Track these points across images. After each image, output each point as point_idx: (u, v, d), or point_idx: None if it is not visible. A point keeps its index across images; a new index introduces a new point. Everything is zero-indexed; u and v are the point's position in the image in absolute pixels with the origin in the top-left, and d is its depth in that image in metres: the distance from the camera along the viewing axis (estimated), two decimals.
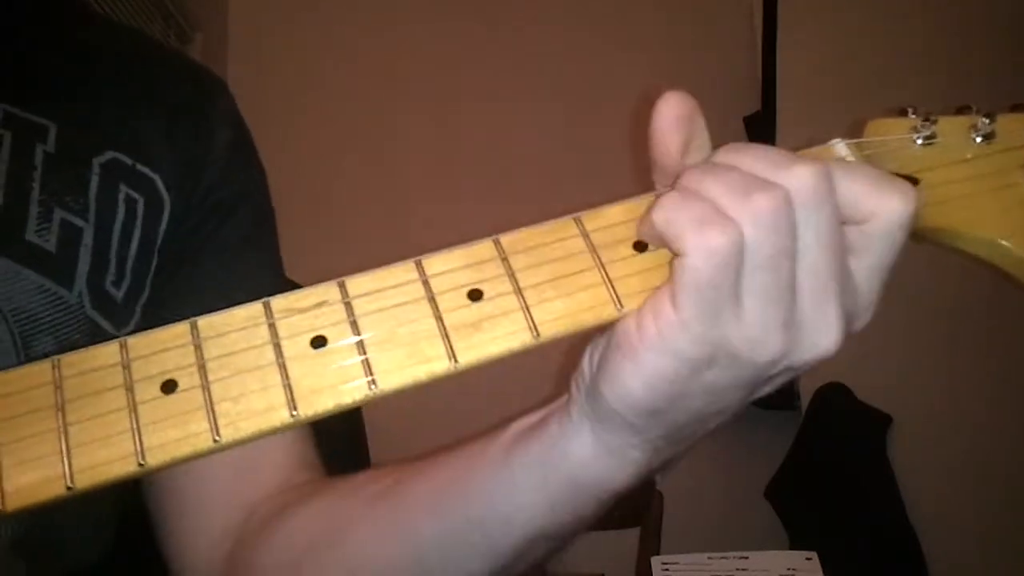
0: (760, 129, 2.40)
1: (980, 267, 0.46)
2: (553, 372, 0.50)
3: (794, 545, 2.18)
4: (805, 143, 0.47)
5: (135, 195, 0.62)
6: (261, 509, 0.60)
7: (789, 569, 1.18)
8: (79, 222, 0.59)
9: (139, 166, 0.63)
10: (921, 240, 0.46)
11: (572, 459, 0.44)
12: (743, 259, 0.37)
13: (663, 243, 0.40)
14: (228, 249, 0.66)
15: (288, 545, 0.57)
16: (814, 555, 1.19)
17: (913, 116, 0.48)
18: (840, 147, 0.46)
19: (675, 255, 0.38)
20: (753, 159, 0.40)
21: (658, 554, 1.52)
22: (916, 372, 2.18)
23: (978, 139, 0.47)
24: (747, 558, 1.20)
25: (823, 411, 2.24)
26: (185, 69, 0.73)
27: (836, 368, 2.21)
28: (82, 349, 0.39)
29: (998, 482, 2.12)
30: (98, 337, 0.59)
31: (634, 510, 1.75)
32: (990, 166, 0.46)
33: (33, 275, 0.57)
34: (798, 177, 0.38)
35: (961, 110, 0.48)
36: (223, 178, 0.68)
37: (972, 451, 2.14)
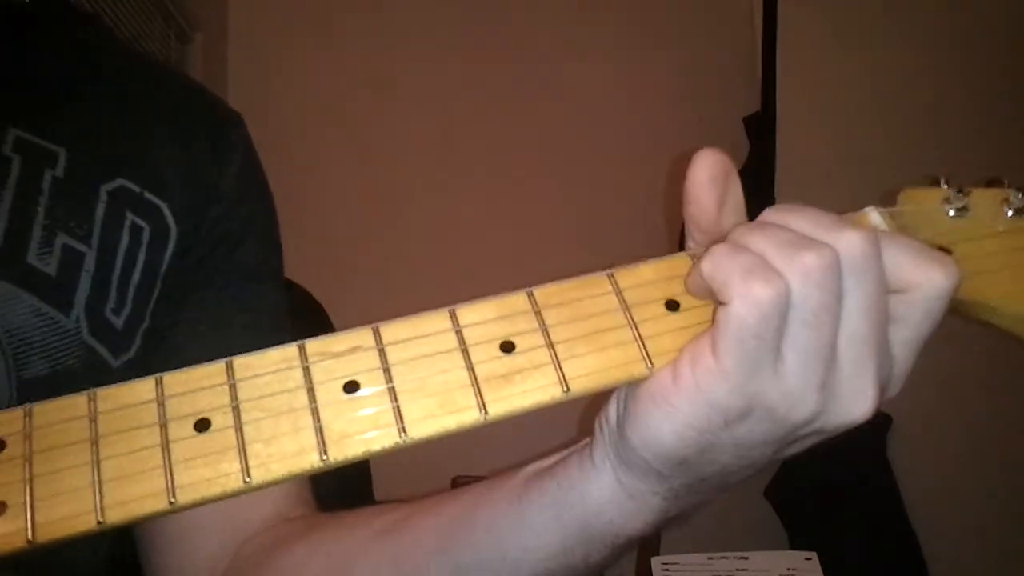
0: (760, 129, 2.40)
1: (1013, 343, 0.46)
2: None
3: (794, 545, 2.18)
4: (804, 143, 0.47)
5: (141, 223, 0.62)
6: (254, 541, 0.60)
7: (789, 569, 1.18)
8: (81, 247, 0.59)
9: (147, 194, 0.63)
10: (954, 314, 0.45)
11: (589, 502, 0.43)
12: (788, 313, 0.38)
13: (709, 295, 0.40)
14: (231, 281, 0.66)
15: None
16: (814, 555, 1.19)
17: (945, 187, 0.48)
18: (874, 215, 0.46)
19: (720, 304, 0.39)
20: (804, 219, 0.40)
21: (658, 554, 1.51)
22: (916, 372, 2.18)
23: (1010, 212, 0.47)
24: (747, 558, 1.20)
25: None
26: (200, 100, 0.73)
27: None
28: (119, 384, 0.39)
29: (998, 482, 2.12)
30: (94, 364, 0.59)
31: None
32: (1022, 240, 0.46)
33: (30, 298, 0.56)
34: (848, 240, 0.39)
35: (991, 183, 0.48)
36: (232, 209, 0.68)
37: (972, 451, 2.14)
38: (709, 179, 0.42)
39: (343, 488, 0.73)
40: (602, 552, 0.45)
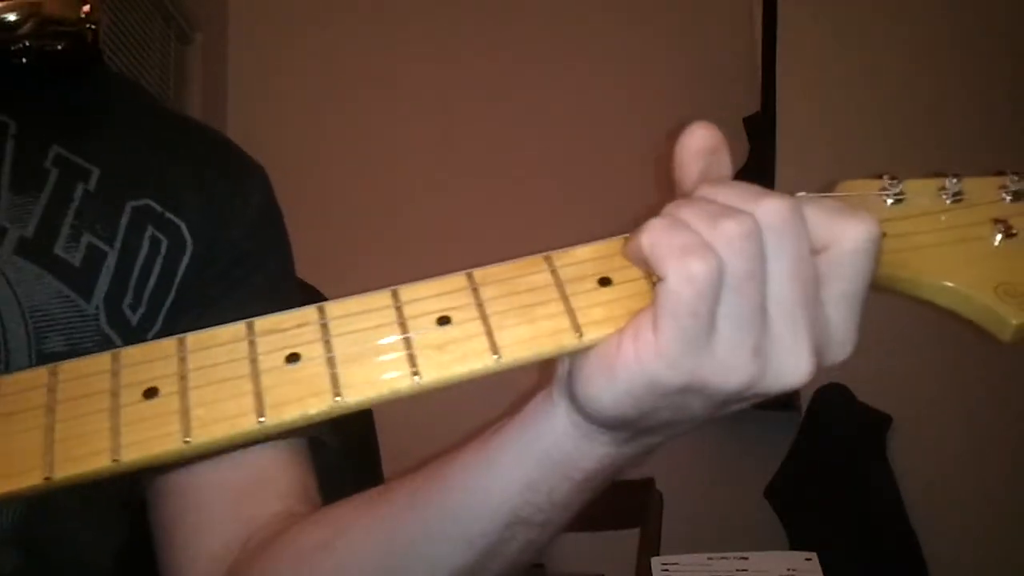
0: (760, 129, 2.40)
1: (948, 318, 0.47)
2: None
3: (794, 545, 2.18)
4: (804, 143, 0.47)
5: (160, 236, 0.67)
6: (259, 535, 0.62)
7: (789, 570, 1.18)
8: (104, 247, 0.65)
9: (168, 214, 0.68)
10: (885, 290, 0.47)
11: (548, 434, 0.46)
12: (720, 286, 0.39)
13: (647, 266, 0.42)
14: (251, 298, 0.69)
15: (286, 554, 0.59)
16: (814, 556, 1.19)
17: (885, 178, 0.49)
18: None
19: (657, 280, 0.40)
20: (728, 191, 0.42)
21: (658, 554, 1.52)
22: (916, 372, 2.19)
23: (947, 199, 0.48)
24: (747, 559, 1.20)
25: (823, 411, 2.25)
26: (227, 148, 0.78)
27: (836, 368, 2.21)
28: (79, 358, 0.42)
29: (998, 482, 2.12)
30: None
31: (634, 510, 1.75)
32: (957, 220, 0.48)
33: (55, 281, 0.62)
34: (767, 206, 0.40)
35: (934, 175, 0.49)
36: (252, 234, 0.72)
37: (972, 451, 2.14)
38: (697, 150, 0.45)
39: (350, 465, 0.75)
40: (564, 487, 0.47)
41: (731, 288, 0.39)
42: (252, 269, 0.71)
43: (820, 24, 2.41)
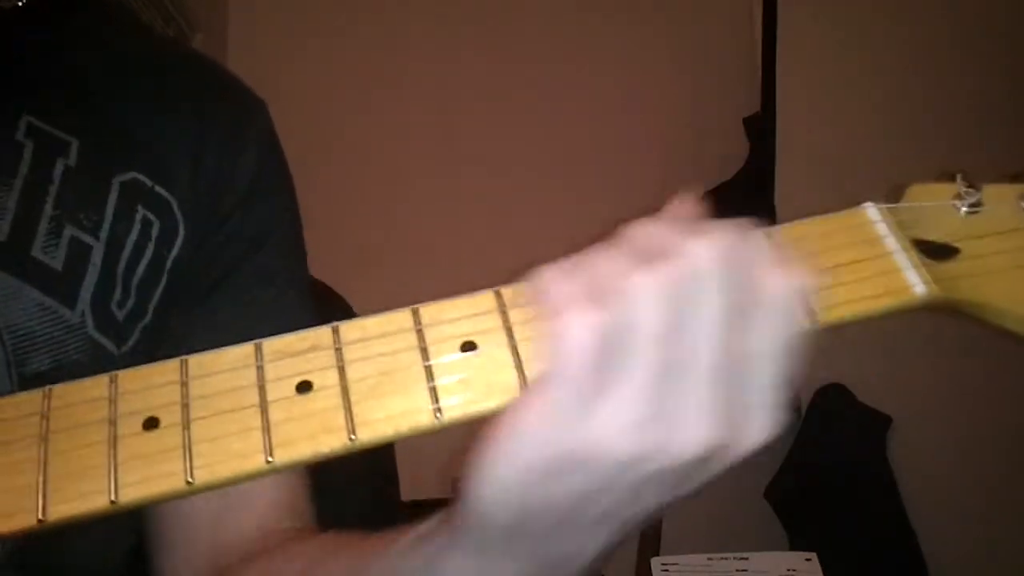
0: (760, 129, 2.40)
1: (1014, 343, 0.43)
2: None
3: (794, 546, 2.17)
4: (804, 144, 0.45)
5: (152, 217, 0.61)
6: (233, 553, 0.60)
7: (789, 570, 1.18)
8: (89, 240, 0.58)
9: (157, 187, 0.62)
10: (963, 316, 0.43)
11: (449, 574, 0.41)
12: (617, 342, 0.34)
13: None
14: (249, 286, 0.65)
15: None
16: (814, 556, 1.19)
17: (960, 182, 0.44)
18: (872, 211, 0.43)
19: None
20: (657, 232, 0.37)
21: (658, 555, 1.51)
22: (916, 372, 2.18)
23: None
24: (747, 559, 1.20)
25: (823, 411, 2.24)
26: (223, 86, 0.70)
27: (836, 369, 2.21)
28: (75, 381, 0.39)
29: (998, 482, 2.12)
30: (100, 357, 0.58)
31: None
32: None
33: (34, 292, 0.55)
34: (694, 250, 0.35)
35: (1015, 178, 0.44)
36: (246, 207, 0.66)
37: (972, 451, 2.14)
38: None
39: (371, 493, 0.72)
40: None
41: (633, 346, 0.34)
42: (248, 248, 0.66)
43: (820, 24, 2.40)
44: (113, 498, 0.36)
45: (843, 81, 2.38)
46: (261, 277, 0.66)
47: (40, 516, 0.36)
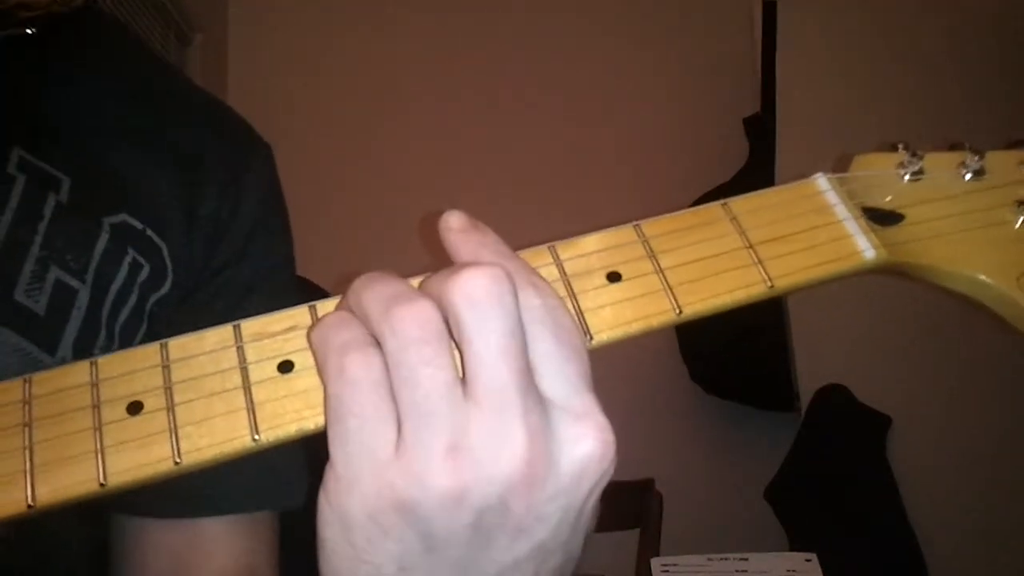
0: (760, 129, 2.40)
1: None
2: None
3: (794, 546, 2.18)
4: (804, 144, 0.46)
5: (141, 260, 0.60)
6: None
7: (789, 571, 1.18)
8: (75, 283, 0.57)
9: (148, 231, 0.61)
10: (907, 277, 0.45)
11: None
12: (386, 381, 0.34)
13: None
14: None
15: None
16: (814, 556, 1.19)
17: (902, 151, 0.47)
18: (822, 181, 0.46)
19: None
20: (432, 282, 0.36)
21: (658, 555, 1.52)
22: (916, 373, 2.18)
23: (967, 176, 0.46)
24: (747, 559, 1.20)
25: (823, 412, 2.24)
26: (225, 130, 0.69)
27: (836, 369, 2.21)
28: (55, 368, 0.39)
29: (998, 483, 2.12)
30: None
31: (634, 511, 1.75)
32: (978, 203, 0.45)
33: (12, 336, 0.54)
34: (460, 279, 0.34)
35: (953, 147, 0.47)
36: (241, 254, 0.65)
37: (972, 451, 2.14)
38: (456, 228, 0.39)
39: None
40: None
41: (405, 381, 0.33)
42: (240, 296, 0.64)
43: (820, 24, 2.41)
44: (103, 481, 0.36)
45: (843, 81, 2.38)
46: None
47: (30, 502, 0.36)
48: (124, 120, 0.63)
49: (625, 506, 1.71)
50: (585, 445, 0.34)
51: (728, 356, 2.37)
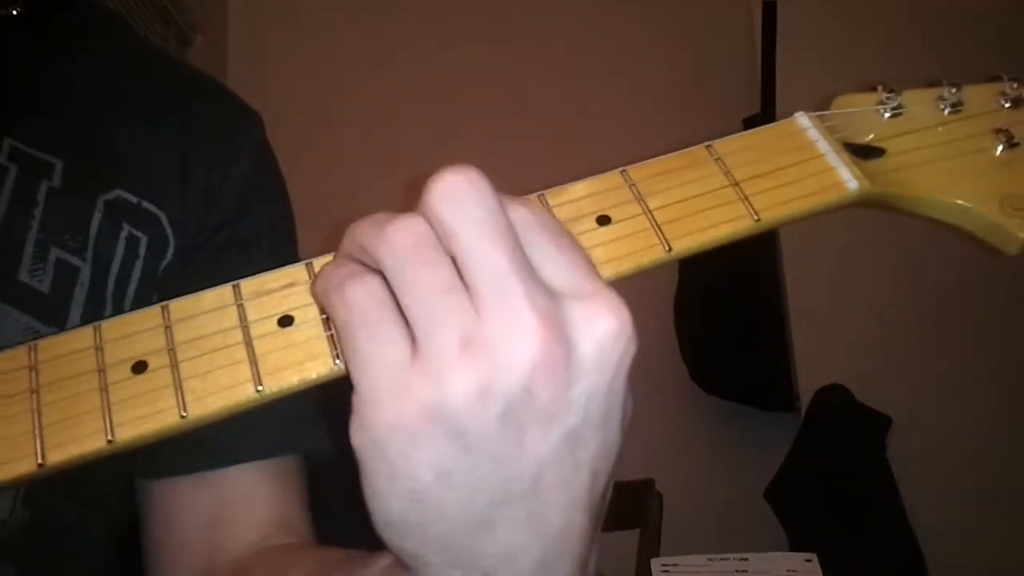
0: None
1: (952, 233, 0.45)
2: None
3: (794, 547, 2.18)
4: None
5: (138, 233, 0.61)
6: (232, 566, 0.60)
7: (789, 571, 1.18)
8: (76, 261, 0.58)
9: (144, 203, 0.62)
10: (890, 209, 0.45)
11: None
12: (387, 297, 0.34)
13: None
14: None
15: None
16: (814, 557, 1.19)
17: (881, 90, 0.48)
18: (802, 119, 0.46)
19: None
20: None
21: (658, 555, 1.52)
22: (916, 373, 2.18)
23: (946, 109, 0.47)
24: (747, 560, 1.20)
25: (823, 412, 2.25)
26: (212, 98, 0.70)
27: (836, 369, 2.21)
28: (59, 334, 0.40)
29: (998, 483, 2.12)
30: None
31: (634, 511, 1.75)
32: (957, 132, 0.46)
33: (22, 316, 0.55)
34: (435, 184, 0.35)
35: (930, 85, 0.49)
36: (238, 214, 0.66)
37: (972, 451, 2.14)
38: None
39: None
40: None
41: (409, 288, 0.33)
42: (239, 256, 0.65)
43: (820, 24, 2.41)
44: (110, 437, 0.37)
45: (843, 81, 2.38)
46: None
47: (40, 461, 0.37)
48: (114, 95, 0.64)
49: (625, 506, 1.71)
50: (601, 323, 0.33)
51: (728, 356, 2.38)
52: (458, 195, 0.34)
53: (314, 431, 0.65)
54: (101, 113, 0.62)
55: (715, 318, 2.36)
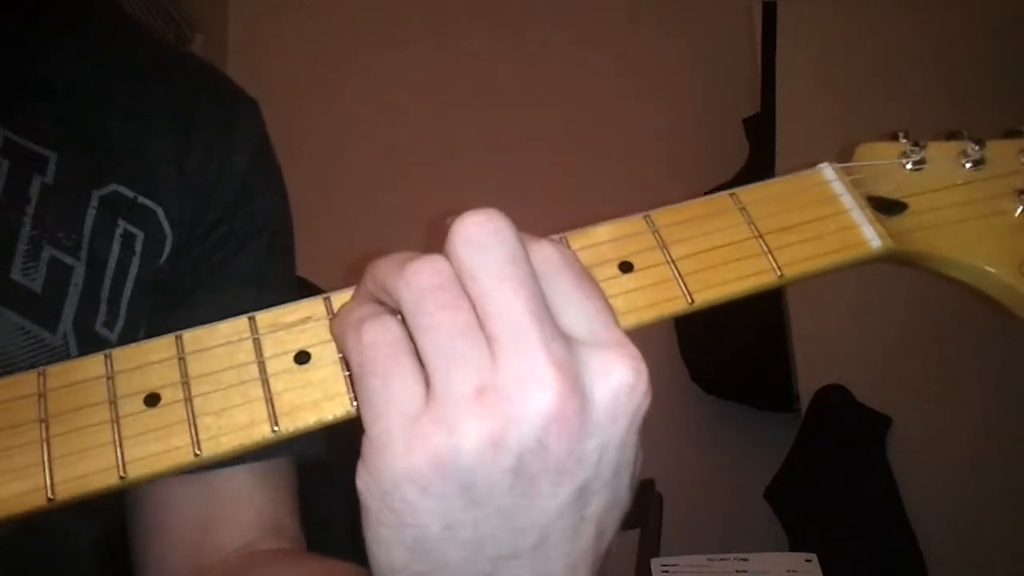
0: (760, 129, 2.40)
1: (969, 294, 0.45)
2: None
3: (794, 547, 2.17)
4: (804, 144, 0.47)
5: (134, 230, 0.60)
6: (221, 568, 0.59)
7: (789, 571, 1.18)
8: (69, 260, 0.57)
9: (140, 198, 0.60)
10: (910, 265, 0.45)
11: None
12: (403, 338, 0.33)
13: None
14: (228, 286, 0.63)
15: None
16: (814, 557, 1.19)
17: (904, 140, 0.48)
18: (827, 171, 0.46)
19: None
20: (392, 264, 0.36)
21: (658, 556, 1.51)
22: (916, 373, 2.18)
23: (968, 165, 0.47)
24: (747, 560, 1.19)
25: (823, 412, 2.24)
26: (209, 87, 0.69)
27: (836, 369, 2.21)
28: (68, 360, 0.39)
29: (998, 483, 2.12)
30: None
31: (634, 512, 1.74)
32: (979, 192, 0.46)
33: (13, 316, 0.54)
34: (458, 228, 0.34)
35: (952, 136, 0.48)
36: (234, 208, 0.65)
37: (972, 452, 2.14)
38: None
39: None
40: None
41: (426, 329, 0.32)
42: (236, 248, 0.64)
43: (820, 25, 2.40)
44: (123, 474, 0.36)
45: (843, 81, 2.38)
46: (246, 276, 0.64)
47: (50, 495, 0.36)
48: (110, 86, 0.62)
49: None
50: (616, 374, 0.33)
51: (728, 356, 2.37)
52: (480, 238, 0.34)
53: (310, 434, 0.65)
54: (98, 104, 0.61)
55: (715, 318, 2.36)
